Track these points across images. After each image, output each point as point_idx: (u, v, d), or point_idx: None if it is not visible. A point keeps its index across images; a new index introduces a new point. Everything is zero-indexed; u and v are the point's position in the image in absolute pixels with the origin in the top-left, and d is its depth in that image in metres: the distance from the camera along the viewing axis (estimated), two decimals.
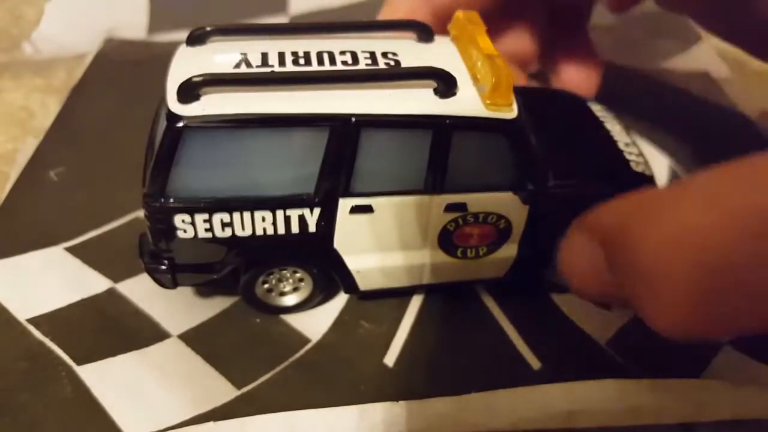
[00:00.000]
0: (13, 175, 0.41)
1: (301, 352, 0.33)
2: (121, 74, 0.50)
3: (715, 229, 0.18)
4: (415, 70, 0.30)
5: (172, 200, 0.29)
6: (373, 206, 0.31)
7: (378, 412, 0.29)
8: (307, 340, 0.33)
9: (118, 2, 0.59)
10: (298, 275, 0.34)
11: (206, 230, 0.30)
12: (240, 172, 0.29)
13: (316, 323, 0.34)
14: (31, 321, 0.33)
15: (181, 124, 0.28)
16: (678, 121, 0.49)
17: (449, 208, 0.32)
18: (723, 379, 0.31)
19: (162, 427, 0.29)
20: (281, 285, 0.34)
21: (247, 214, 0.30)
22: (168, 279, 0.32)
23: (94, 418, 0.29)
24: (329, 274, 0.33)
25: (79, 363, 0.31)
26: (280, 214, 0.30)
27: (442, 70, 0.29)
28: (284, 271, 0.33)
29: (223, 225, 0.30)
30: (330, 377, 0.31)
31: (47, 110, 0.47)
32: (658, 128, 0.48)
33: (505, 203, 0.32)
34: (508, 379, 0.30)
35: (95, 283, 0.35)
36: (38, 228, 0.38)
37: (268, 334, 0.33)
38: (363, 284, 0.34)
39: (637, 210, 0.20)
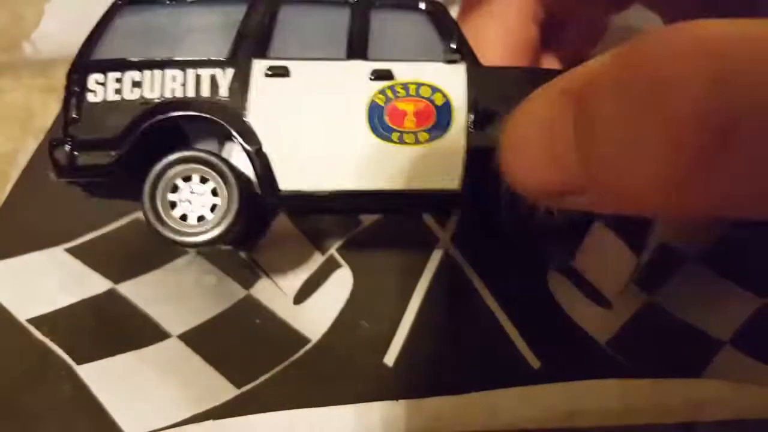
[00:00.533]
0: (13, 175, 0.41)
1: (301, 352, 0.33)
2: None
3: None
4: None
5: (90, 62, 0.30)
6: (290, 69, 0.29)
7: (377, 411, 0.29)
8: (307, 340, 0.33)
9: None
10: (211, 189, 0.29)
11: (116, 91, 0.29)
12: (161, 44, 0.30)
13: (316, 323, 0.34)
14: (31, 321, 0.33)
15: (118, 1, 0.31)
16: None
17: (375, 75, 0.30)
18: (723, 379, 0.31)
19: (161, 426, 0.29)
20: (190, 207, 0.29)
21: (158, 73, 0.29)
22: (65, 155, 0.29)
23: (94, 417, 0.29)
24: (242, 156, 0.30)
25: (79, 363, 0.31)
26: (191, 73, 0.29)
27: None
28: (194, 184, 0.29)
29: (134, 84, 0.29)
30: (330, 377, 0.31)
31: (47, 110, 0.47)
32: None
33: (437, 73, 0.30)
34: (508, 379, 0.30)
35: (95, 283, 0.35)
36: (38, 228, 0.38)
37: (268, 334, 0.33)
38: (283, 180, 0.29)
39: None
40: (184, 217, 0.29)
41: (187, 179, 0.29)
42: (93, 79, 0.29)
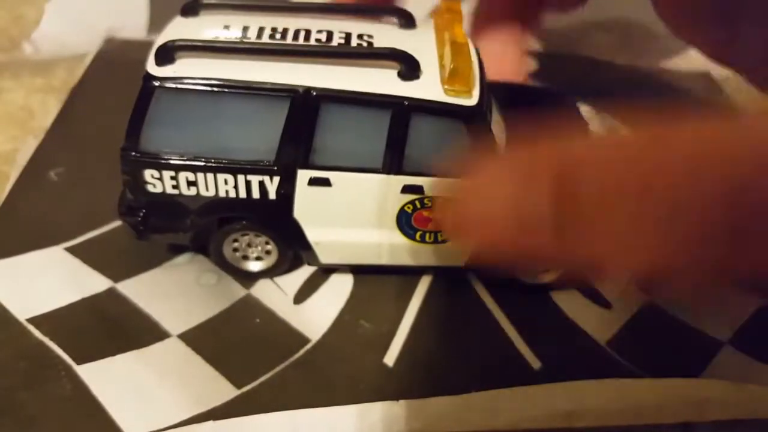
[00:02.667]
0: (13, 175, 0.41)
1: (301, 352, 0.33)
2: (121, 74, 0.50)
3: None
4: (379, 50, 0.31)
5: (142, 155, 0.31)
6: (331, 180, 0.32)
7: (378, 411, 0.29)
8: (307, 340, 0.33)
9: (118, 2, 0.58)
10: (264, 241, 0.35)
11: (173, 187, 0.32)
12: (206, 135, 0.31)
13: (316, 323, 0.34)
14: (30, 321, 0.33)
15: (154, 84, 0.30)
16: None
17: (406, 189, 0.32)
18: (723, 379, 0.31)
19: (161, 427, 0.29)
20: (249, 250, 0.35)
21: (210, 176, 0.32)
22: (140, 228, 0.33)
23: (94, 417, 0.29)
24: (290, 243, 0.34)
25: (79, 363, 0.31)
26: (241, 178, 0.32)
27: (405, 53, 0.30)
28: (251, 236, 0.35)
29: (189, 183, 0.32)
30: (330, 377, 0.31)
31: (47, 110, 0.47)
32: None
33: None
34: (508, 379, 0.30)
35: (95, 282, 0.35)
36: (38, 228, 0.38)
37: (268, 334, 0.33)
38: (323, 257, 0.35)
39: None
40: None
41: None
42: (149, 173, 0.32)
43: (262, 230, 0.34)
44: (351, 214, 0.33)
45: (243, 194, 0.32)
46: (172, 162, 0.31)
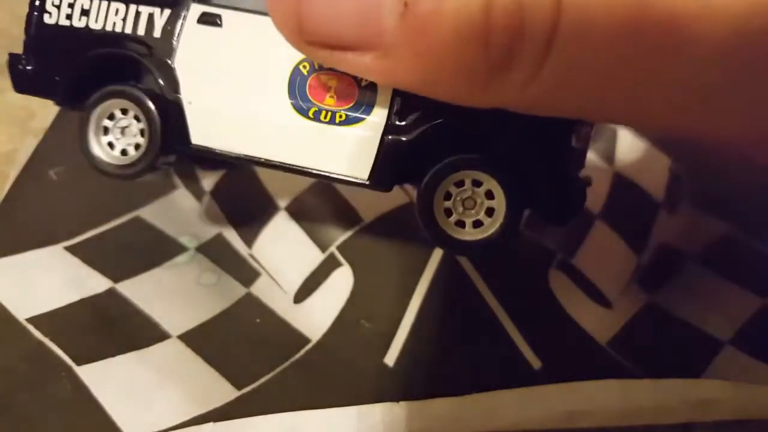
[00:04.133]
0: (13, 174, 0.41)
1: (301, 352, 0.32)
2: None
3: None
4: None
5: None
6: (223, 18, 0.28)
7: (378, 412, 0.29)
8: (307, 340, 0.33)
9: None
10: (139, 124, 0.29)
11: (66, 17, 0.29)
12: None
13: (316, 323, 0.34)
14: (30, 321, 0.33)
15: None
16: None
17: None
18: (723, 379, 0.31)
19: (162, 428, 0.29)
20: (117, 129, 0.29)
21: (104, 3, 0.28)
22: (19, 73, 0.30)
23: (94, 418, 0.29)
24: (161, 106, 0.28)
25: (79, 363, 0.31)
26: (132, 8, 0.28)
27: None
28: (117, 105, 0.29)
29: (82, 11, 0.29)
30: (330, 377, 0.31)
31: (47, 110, 0.47)
32: None
33: None
34: (508, 379, 0.30)
35: (95, 282, 0.35)
36: (38, 227, 0.38)
37: (268, 334, 0.33)
38: (195, 132, 0.28)
39: None
40: (111, 145, 0.29)
41: (124, 112, 0.29)
42: (50, 0, 0.29)
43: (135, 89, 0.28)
44: (237, 70, 0.27)
45: (129, 28, 0.28)
46: None
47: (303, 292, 0.36)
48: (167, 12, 0.28)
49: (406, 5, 0.17)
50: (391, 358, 0.32)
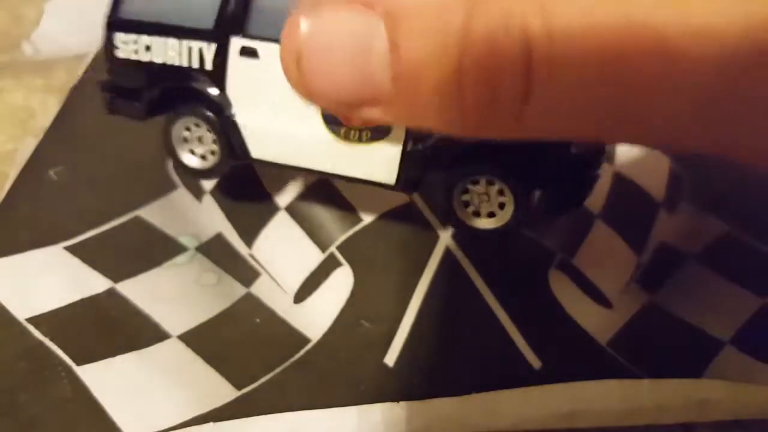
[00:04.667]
0: (13, 174, 0.41)
1: (301, 352, 0.32)
2: None
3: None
4: None
5: (117, 20, 0.33)
6: (259, 51, 0.30)
7: (378, 412, 0.29)
8: (307, 340, 0.33)
9: None
10: (212, 135, 0.33)
11: (134, 52, 0.33)
12: (166, 5, 0.32)
13: (316, 323, 0.34)
14: (30, 321, 0.33)
15: None
16: None
17: None
18: (723, 379, 0.31)
19: (162, 428, 0.29)
20: (197, 145, 0.34)
21: (161, 39, 0.32)
22: (106, 98, 0.35)
23: (94, 418, 0.29)
24: (224, 127, 0.32)
25: (79, 363, 0.31)
26: (185, 44, 0.31)
27: None
28: (204, 130, 0.33)
29: (146, 48, 0.32)
30: (330, 377, 0.31)
31: (47, 110, 0.47)
32: None
33: None
34: (508, 379, 0.30)
35: (95, 282, 0.35)
36: (38, 227, 0.38)
37: (268, 334, 0.33)
38: (253, 148, 0.32)
39: None
40: (192, 152, 0.34)
41: (197, 125, 0.33)
42: (119, 37, 0.33)
43: (198, 111, 0.33)
44: (278, 96, 0.30)
45: (185, 62, 0.31)
46: (135, 25, 0.32)
47: (303, 292, 0.36)
48: (213, 46, 0.31)
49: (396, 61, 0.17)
50: (391, 358, 0.32)
